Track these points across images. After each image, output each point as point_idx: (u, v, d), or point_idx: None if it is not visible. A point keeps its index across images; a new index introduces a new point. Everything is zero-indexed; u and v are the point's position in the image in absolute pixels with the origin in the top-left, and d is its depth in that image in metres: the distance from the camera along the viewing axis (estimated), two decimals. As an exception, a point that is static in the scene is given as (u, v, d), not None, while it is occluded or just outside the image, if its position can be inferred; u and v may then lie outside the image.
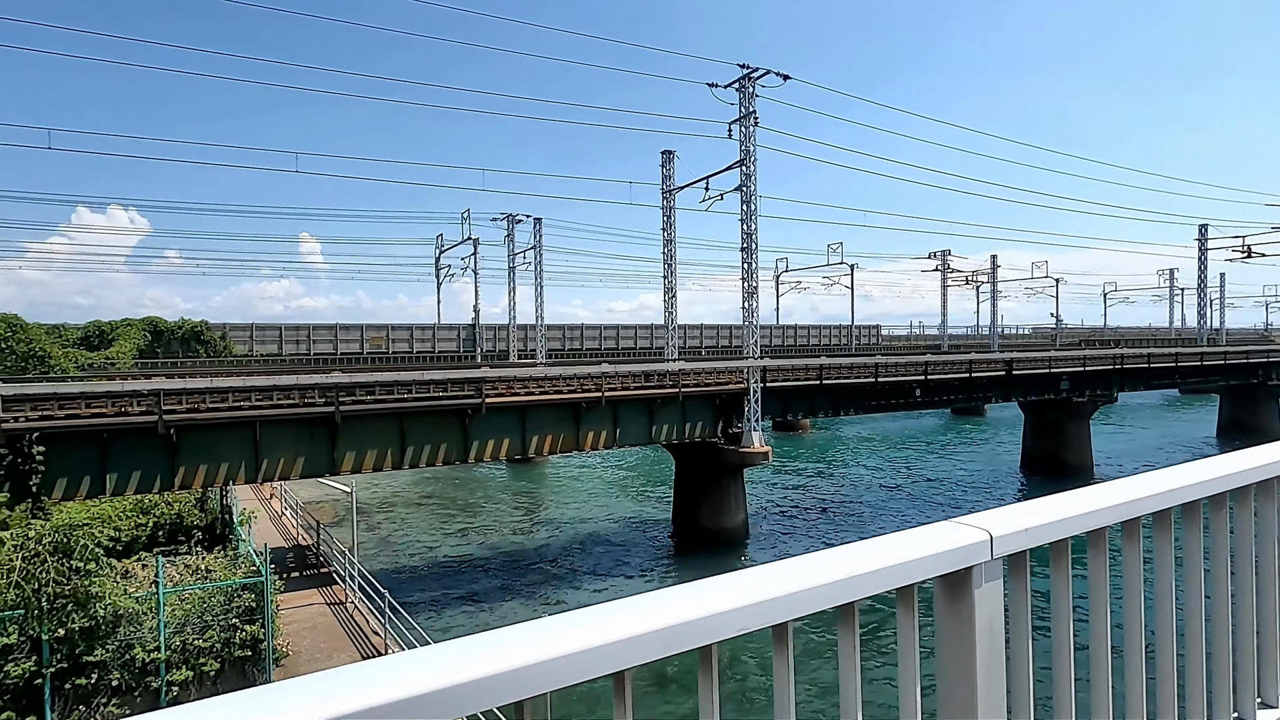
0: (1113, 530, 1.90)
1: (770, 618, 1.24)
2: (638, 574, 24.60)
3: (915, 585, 1.52)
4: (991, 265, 70.19)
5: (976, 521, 1.72)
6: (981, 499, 35.32)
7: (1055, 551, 1.84)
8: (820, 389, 29.99)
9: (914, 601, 1.54)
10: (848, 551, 1.48)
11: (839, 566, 1.40)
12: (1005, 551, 1.67)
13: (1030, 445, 41.69)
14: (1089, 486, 2.02)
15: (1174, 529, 2.09)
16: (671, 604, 1.15)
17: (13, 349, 35.07)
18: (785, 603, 1.28)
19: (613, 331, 68.98)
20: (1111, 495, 1.92)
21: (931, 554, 1.54)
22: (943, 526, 1.69)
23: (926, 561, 1.53)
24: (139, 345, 47.18)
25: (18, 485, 16.97)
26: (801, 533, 29.36)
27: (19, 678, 11.22)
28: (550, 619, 1.08)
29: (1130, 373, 42.32)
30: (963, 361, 35.59)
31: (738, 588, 1.23)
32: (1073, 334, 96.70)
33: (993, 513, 1.79)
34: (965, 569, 1.61)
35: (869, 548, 1.50)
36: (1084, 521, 1.84)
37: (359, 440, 20.93)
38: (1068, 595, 1.87)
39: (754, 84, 27.32)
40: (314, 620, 17.23)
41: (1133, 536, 2.00)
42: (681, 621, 1.11)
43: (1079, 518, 1.83)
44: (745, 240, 27.99)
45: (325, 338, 56.67)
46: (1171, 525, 2.08)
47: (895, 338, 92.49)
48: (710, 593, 1.21)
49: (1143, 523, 1.99)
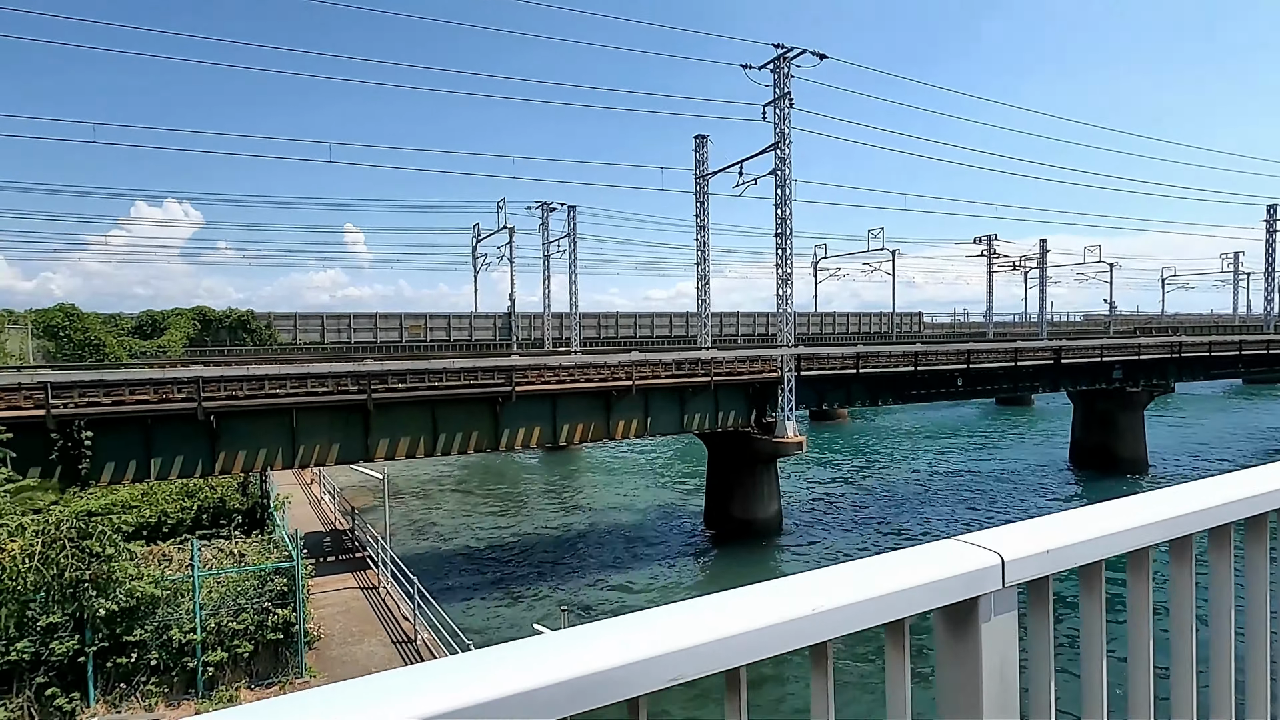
0: (1158, 550, 1.57)
1: (726, 662, 1.03)
2: (668, 563, 24.45)
3: (906, 621, 1.24)
4: (1040, 250, 67.66)
5: (985, 541, 1.41)
6: (1026, 493, 34.14)
7: (1086, 576, 1.52)
8: (857, 378, 29.28)
9: (905, 641, 1.25)
10: (818, 580, 1.20)
11: (804, 601, 1.13)
12: (1020, 578, 1.36)
13: (1080, 437, 40.08)
14: (1130, 496, 1.68)
15: (1234, 548, 1.74)
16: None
17: (70, 337, 36.63)
18: (738, 642, 1.04)
19: (648, 319, 68.72)
20: (1156, 507, 1.59)
21: (925, 583, 1.25)
22: (944, 547, 1.39)
23: (918, 592, 1.23)
24: (189, 334, 48.83)
25: (68, 469, 17.63)
26: (835, 524, 28.81)
27: (63, 655, 11.63)
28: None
29: (1189, 361, 40.27)
30: (1007, 350, 34.33)
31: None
32: (1127, 321, 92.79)
33: (1007, 530, 1.47)
34: (969, 600, 1.31)
35: (846, 574, 1.22)
36: (1121, 541, 1.51)
37: (392, 427, 21.17)
38: (1100, 630, 1.54)
39: (789, 64, 26.55)
40: (347, 604, 17.53)
41: (1183, 557, 1.66)
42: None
43: (1114, 536, 1.50)
44: (780, 225, 27.36)
45: (365, 326, 57.75)
46: (1231, 543, 1.74)
47: (938, 325, 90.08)
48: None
49: (1196, 540, 1.66)
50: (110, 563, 10.45)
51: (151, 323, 48.41)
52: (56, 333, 36.24)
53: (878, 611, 1.17)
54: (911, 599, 1.21)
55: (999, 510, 30.90)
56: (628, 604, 21.06)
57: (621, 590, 22.12)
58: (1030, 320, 77.74)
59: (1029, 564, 1.36)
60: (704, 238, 35.33)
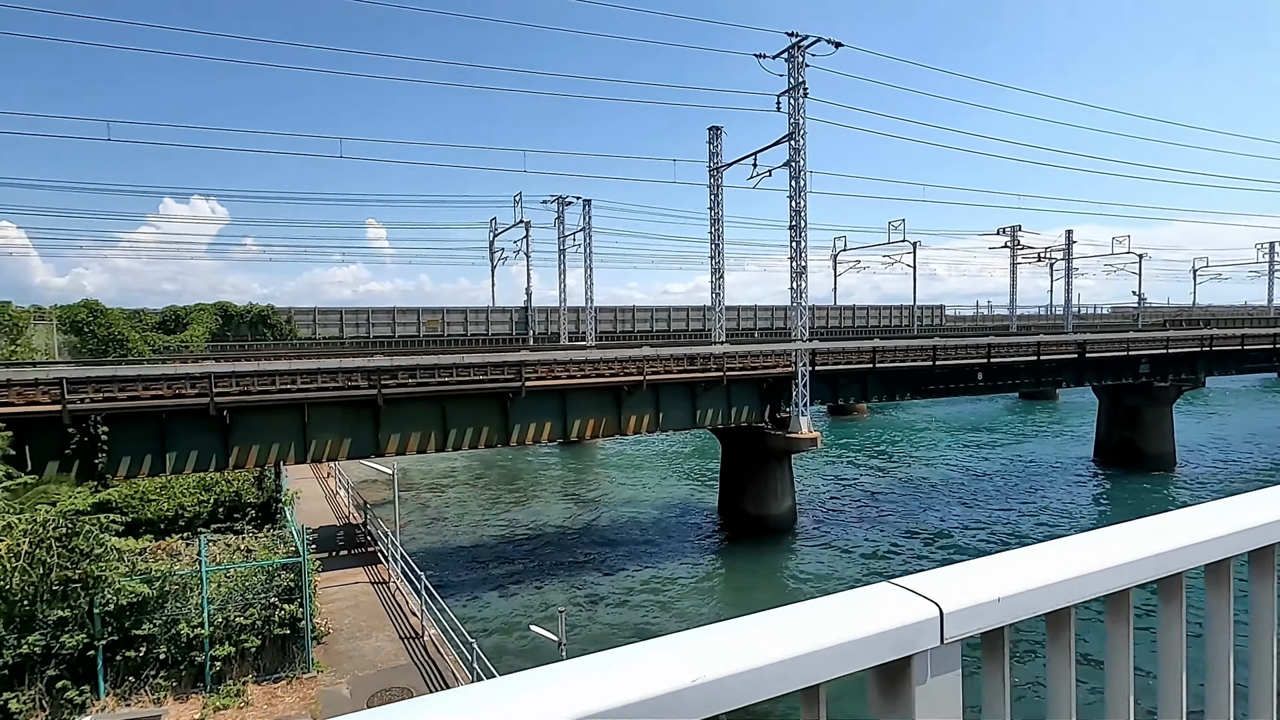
0: (1141, 589, 1.34)
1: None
2: (679, 560, 24.27)
3: (822, 688, 1.02)
4: (1066, 241, 66.15)
5: (924, 587, 1.18)
6: (1048, 489, 33.40)
7: (1053, 625, 1.29)
8: (873, 372, 28.79)
9: (820, 712, 1.04)
10: (702, 640, 0.99)
11: (680, 669, 0.91)
12: (964, 632, 1.13)
13: (1105, 433, 39.14)
14: (1110, 528, 1.44)
15: (1233, 584, 1.50)
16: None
17: (94, 333, 37.29)
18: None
19: (664, 313, 68.45)
20: (1140, 541, 1.36)
21: (845, 641, 1.03)
22: (875, 594, 1.17)
23: (836, 653, 1.02)
24: (211, 329, 49.58)
25: (85, 464, 17.88)
26: (850, 522, 28.41)
27: (73, 648, 11.75)
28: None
29: (1220, 355, 39.09)
30: (1029, 344, 33.56)
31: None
32: (1157, 314, 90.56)
33: (951, 573, 1.25)
34: (900, 660, 1.09)
35: (739, 633, 1.01)
36: (1096, 583, 1.28)
37: (402, 423, 21.20)
38: (1069, 686, 1.31)
39: (803, 53, 26.05)
40: (357, 599, 17.59)
41: (1173, 598, 1.42)
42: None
43: (1088, 578, 1.27)
44: (794, 217, 26.91)
45: (384, 321, 58.18)
46: (1231, 581, 1.49)
47: (961, 318, 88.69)
48: None
49: (1187, 578, 1.42)
50: (98, 562, 10.50)
51: (175, 318, 49.23)
52: (81, 328, 36.94)
53: (781, 677, 0.96)
54: (828, 661, 1.00)
55: (1020, 508, 30.27)
56: (636, 601, 20.93)
57: (631, 587, 21.99)
58: (1056, 313, 76.13)
59: (975, 615, 1.13)
60: (718, 230, 34.95)
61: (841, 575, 22.74)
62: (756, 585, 22.25)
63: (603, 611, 20.29)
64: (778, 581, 22.60)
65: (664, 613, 20.17)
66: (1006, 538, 26.32)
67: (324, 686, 13.22)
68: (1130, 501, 31.11)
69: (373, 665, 14.15)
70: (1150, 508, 30.30)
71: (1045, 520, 28.47)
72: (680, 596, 21.35)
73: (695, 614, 20.11)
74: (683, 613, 20.19)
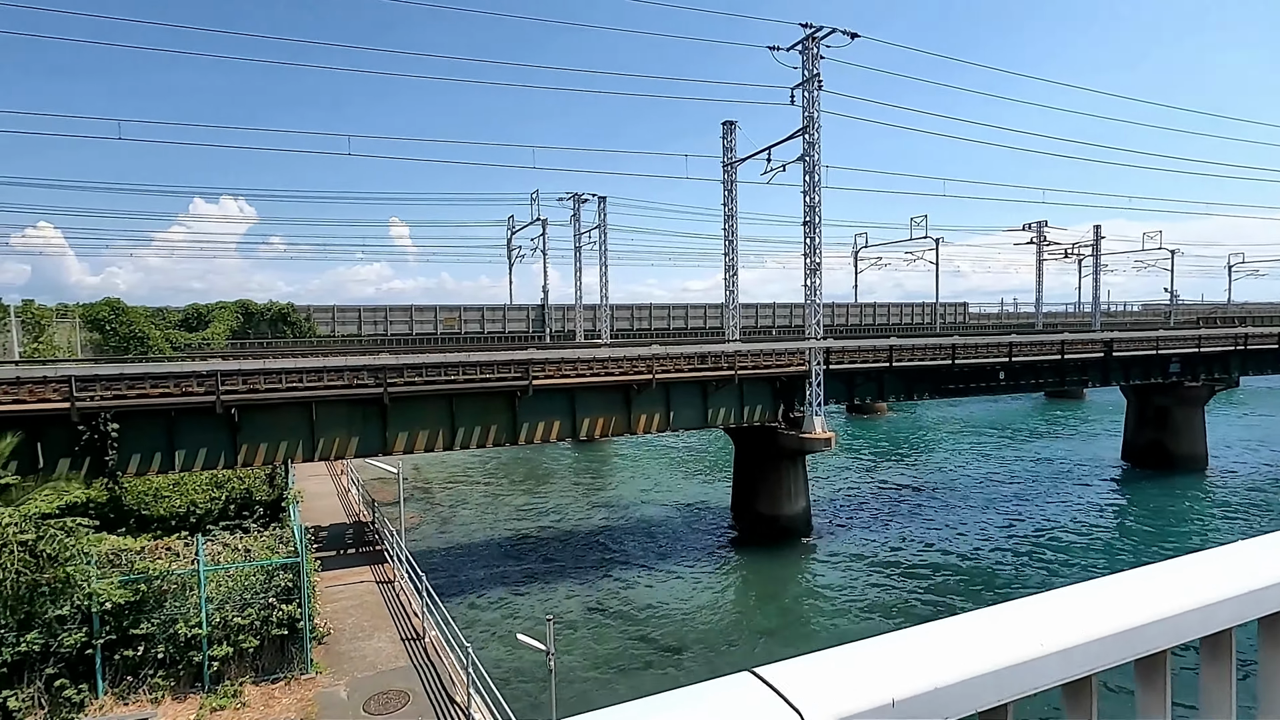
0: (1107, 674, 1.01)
1: None
2: (691, 561, 23.92)
3: None
4: (1094, 236, 64.46)
5: (786, 683, 0.84)
6: (1073, 492, 32.45)
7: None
8: (890, 371, 28.14)
9: None
10: None
11: None
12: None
13: (1133, 433, 37.96)
14: (1065, 589, 1.09)
15: (1235, 660, 1.15)
16: None
17: (116, 331, 37.85)
18: None
19: (682, 311, 68.01)
20: (1109, 610, 1.02)
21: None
22: (729, 690, 0.83)
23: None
24: (232, 326, 50.20)
25: (95, 461, 18.01)
26: (866, 524, 27.81)
27: (71, 647, 11.74)
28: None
29: (1255, 354, 37.69)
30: (1053, 342, 32.61)
31: None
32: (1190, 311, 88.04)
33: (829, 659, 0.91)
34: None
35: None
36: (1046, 669, 0.94)
37: (409, 421, 21.10)
38: None
39: (818, 45, 25.46)
40: (362, 598, 17.49)
41: (1154, 680, 1.08)
42: None
43: (1032, 665, 0.93)
44: (808, 213, 26.36)
45: (401, 318, 58.48)
46: (1233, 654, 1.14)
47: (985, 315, 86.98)
48: None
49: (1172, 654, 1.08)
50: (65, 566, 10.43)
51: (197, 316, 49.92)
52: (103, 326, 37.52)
53: None
54: None
55: (1043, 512, 29.41)
56: (643, 602, 20.61)
57: (639, 588, 21.68)
58: (1084, 310, 74.29)
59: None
60: (732, 226, 34.44)
61: (853, 582, 22.21)
62: (767, 593, 21.81)
63: (607, 617, 20.00)
64: (789, 588, 22.13)
65: (672, 622, 19.81)
66: (1027, 542, 25.54)
67: (322, 688, 13.10)
68: (1157, 504, 30.10)
69: (373, 667, 14.01)
70: (1178, 510, 29.26)
71: (1070, 524, 27.62)
72: (689, 598, 20.98)
73: (703, 622, 19.74)
74: (689, 619, 19.84)
